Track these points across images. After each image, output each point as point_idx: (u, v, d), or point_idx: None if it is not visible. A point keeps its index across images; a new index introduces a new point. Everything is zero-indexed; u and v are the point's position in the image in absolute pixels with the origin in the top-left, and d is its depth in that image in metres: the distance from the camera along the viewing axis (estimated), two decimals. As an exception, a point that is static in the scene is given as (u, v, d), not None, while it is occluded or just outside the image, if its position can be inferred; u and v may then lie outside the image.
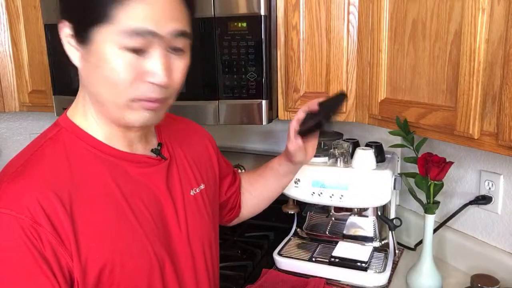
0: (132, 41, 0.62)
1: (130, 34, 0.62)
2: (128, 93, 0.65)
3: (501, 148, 0.78)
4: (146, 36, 0.62)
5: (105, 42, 0.63)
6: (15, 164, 0.68)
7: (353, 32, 1.13)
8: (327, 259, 1.24)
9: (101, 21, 0.62)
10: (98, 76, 0.66)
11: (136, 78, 0.65)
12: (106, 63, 0.64)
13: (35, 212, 0.62)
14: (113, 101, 0.67)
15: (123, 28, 0.62)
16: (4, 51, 1.54)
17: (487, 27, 0.78)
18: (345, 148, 1.20)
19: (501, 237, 1.14)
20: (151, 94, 0.66)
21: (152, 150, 0.79)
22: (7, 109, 1.59)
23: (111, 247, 0.68)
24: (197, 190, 0.86)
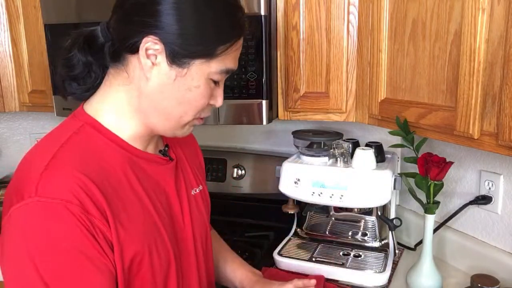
0: (221, 77, 0.74)
1: (225, 72, 0.74)
2: (196, 114, 0.75)
3: (501, 148, 0.78)
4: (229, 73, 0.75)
5: (202, 71, 0.71)
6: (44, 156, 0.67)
7: (353, 32, 1.13)
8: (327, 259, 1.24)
9: (205, 56, 0.70)
10: (180, 96, 0.72)
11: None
12: (197, 89, 0.72)
13: (81, 198, 0.63)
14: (180, 118, 0.75)
15: (222, 68, 0.72)
16: (4, 51, 1.54)
17: (487, 27, 0.78)
18: (345, 148, 1.20)
19: (501, 237, 1.14)
20: (207, 114, 0.78)
21: (160, 151, 0.83)
22: (7, 109, 1.59)
23: (140, 237, 0.71)
24: (197, 190, 0.91)
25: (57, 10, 1.34)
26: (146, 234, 0.73)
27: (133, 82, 0.72)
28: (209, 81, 0.73)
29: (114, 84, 0.74)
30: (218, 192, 1.57)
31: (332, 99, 1.18)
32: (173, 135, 0.78)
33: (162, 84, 0.71)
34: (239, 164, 1.56)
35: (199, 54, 0.70)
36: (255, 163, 1.56)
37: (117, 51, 0.72)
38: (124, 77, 0.73)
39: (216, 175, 1.59)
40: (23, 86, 1.56)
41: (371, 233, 1.31)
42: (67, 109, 1.43)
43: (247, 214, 1.59)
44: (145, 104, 0.74)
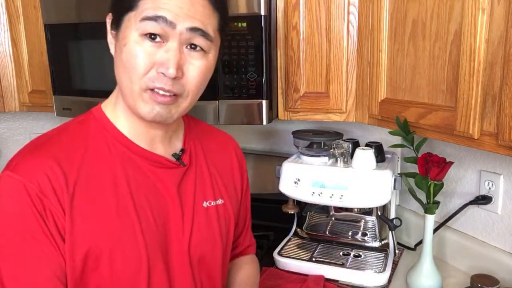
0: (148, 27, 0.67)
1: (148, 20, 0.67)
2: (142, 81, 0.68)
3: (501, 148, 0.78)
4: (162, 24, 0.66)
5: (129, 28, 0.68)
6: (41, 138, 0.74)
7: (353, 32, 1.13)
8: (327, 259, 1.24)
9: (129, 9, 0.68)
10: (120, 61, 0.70)
11: (150, 67, 0.68)
12: (127, 48, 0.68)
13: (42, 183, 0.66)
14: (129, 87, 0.70)
15: (143, 15, 0.67)
16: (4, 51, 1.54)
17: (487, 27, 0.78)
18: (345, 148, 1.20)
19: (501, 237, 1.14)
20: (161, 85, 0.68)
21: (172, 154, 0.80)
22: (7, 109, 1.59)
23: (102, 234, 0.70)
24: (212, 203, 0.84)
25: (57, 10, 1.35)
26: (113, 233, 0.70)
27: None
28: (141, 40, 0.67)
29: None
30: (218, 192, 1.56)
31: (332, 99, 1.18)
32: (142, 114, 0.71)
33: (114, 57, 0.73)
34: (239, 164, 1.56)
35: (123, 8, 0.69)
36: (255, 163, 1.56)
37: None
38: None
39: (216, 175, 1.58)
40: (23, 86, 1.56)
41: (371, 233, 1.31)
42: (67, 109, 1.43)
43: (247, 214, 1.58)
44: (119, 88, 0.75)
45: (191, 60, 0.70)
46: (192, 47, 0.70)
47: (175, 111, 0.73)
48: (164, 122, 0.74)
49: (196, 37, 0.69)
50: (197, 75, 0.71)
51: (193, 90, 0.72)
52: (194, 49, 0.70)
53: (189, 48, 0.70)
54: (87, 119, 0.77)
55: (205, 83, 0.75)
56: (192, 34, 0.68)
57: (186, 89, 0.71)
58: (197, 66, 0.71)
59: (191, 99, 0.74)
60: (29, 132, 1.96)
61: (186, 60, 0.69)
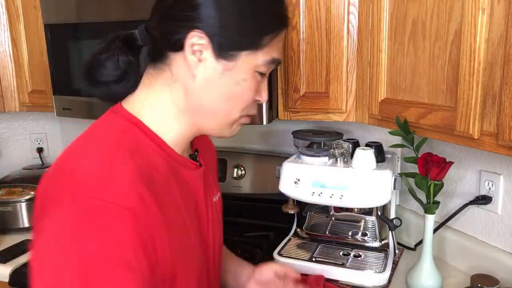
0: (268, 68, 0.72)
1: (272, 63, 0.72)
2: (243, 110, 0.73)
3: (501, 148, 0.78)
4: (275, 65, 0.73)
5: (249, 63, 0.69)
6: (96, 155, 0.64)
7: (353, 32, 1.13)
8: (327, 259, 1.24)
9: (251, 48, 0.69)
10: (226, 91, 0.70)
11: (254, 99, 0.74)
12: (244, 82, 0.70)
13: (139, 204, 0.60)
14: (226, 115, 0.73)
15: (269, 58, 0.71)
16: (4, 51, 1.54)
17: (487, 27, 0.78)
18: (345, 148, 1.20)
19: (501, 237, 1.14)
20: (254, 111, 0.77)
21: (190, 155, 0.81)
22: (7, 109, 1.59)
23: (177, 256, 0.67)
24: (217, 198, 0.88)
25: (57, 10, 1.35)
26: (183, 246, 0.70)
27: (178, 80, 0.70)
28: (256, 74, 0.71)
29: (156, 85, 0.71)
30: (218, 192, 1.57)
31: (332, 99, 1.18)
32: (220, 135, 0.76)
33: (209, 80, 0.69)
34: (239, 164, 1.56)
35: (245, 46, 0.68)
36: (255, 163, 1.56)
37: (159, 51, 0.70)
38: (166, 77, 0.70)
39: (216, 175, 1.59)
40: (23, 86, 1.56)
41: (371, 233, 1.31)
42: (67, 109, 1.43)
43: (247, 214, 1.58)
44: (192, 103, 0.71)
45: None
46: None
47: None
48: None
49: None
50: None
51: None
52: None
53: None
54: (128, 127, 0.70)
55: None
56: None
57: None
58: None
59: None
60: (29, 132, 1.96)
61: None
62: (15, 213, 1.52)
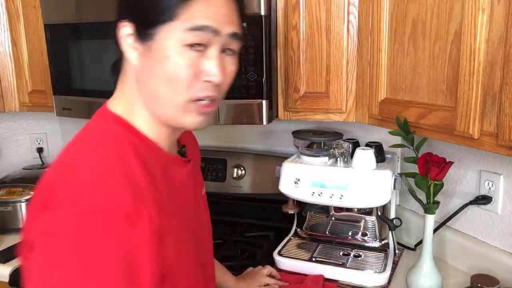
0: (194, 37, 0.65)
1: (193, 30, 0.65)
2: (187, 92, 0.67)
3: (501, 148, 0.78)
4: (207, 33, 0.65)
5: (169, 39, 0.65)
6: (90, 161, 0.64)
7: (353, 32, 1.13)
8: (327, 259, 1.24)
9: (165, 20, 0.65)
10: (158, 73, 0.67)
11: (195, 77, 0.67)
12: (168, 59, 0.66)
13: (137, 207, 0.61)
14: (171, 99, 0.68)
15: (188, 25, 0.64)
16: (4, 51, 1.54)
17: (487, 27, 0.78)
18: (345, 148, 1.20)
19: (501, 237, 1.14)
20: (206, 93, 0.68)
21: (178, 151, 0.80)
22: (7, 109, 1.59)
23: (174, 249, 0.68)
24: (204, 191, 0.90)
25: (57, 10, 1.35)
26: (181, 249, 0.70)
27: (131, 74, 0.71)
28: (184, 48, 0.65)
29: (124, 82, 0.73)
30: (218, 192, 1.57)
31: (332, 99, 1.18)
32: (184, 125, 0.71)
33: (144, 66, 0.68)
34: (239, 164, 1.56)
35: (159, 20, 0.65)
36: (255, 163, 1.56)
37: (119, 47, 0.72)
38: (125, 73, 0.72)
39: (216, 175, 1.59)
40: (23, 86, 1.56)
41: (371, 233, 1.31)
42: (67, 109, 1.43)
43: (247, 214, 1.59)
44: (144, 94, 0.70)
45: (226, 63, 0.70)
46: (227, 50, 0.70)
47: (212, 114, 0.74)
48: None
49: (233, 41, 0.70)
50: (230, 78, 0.73)
51: (225, 90, 0.74)
52: (228, 52, 0.71)
53: (225, 53, 0.70)
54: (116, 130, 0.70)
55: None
56: (231, 40, 0.69)
57: (221, 92, 0.72)
58: (230, 70, 0.72)
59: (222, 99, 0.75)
60: (29, 132, 1.96)
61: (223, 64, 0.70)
62: (15, 213, 1.52)
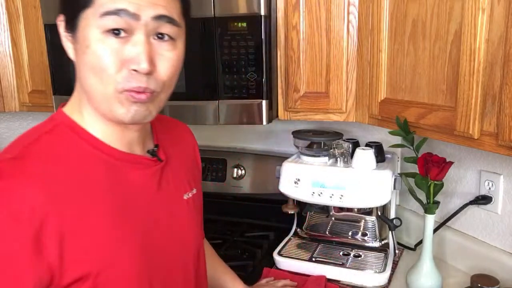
0: (111, 23, 0.61)
1: (108, 15, 0.61)
2: (114, 82, 0.63)
3: (501, 148, 0.78)
4: (125, 17, 0.61)
5: (88, 26, 0.63)
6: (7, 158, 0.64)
7: (353, 32, 1.13)
8: (327, 259, 1.24)
9: (85, 6, 0.63)
10: (85, 64, 0.64)
11: (121, 66, 0.63)
12: (89, 48, 0.63)
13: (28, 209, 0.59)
14: (100, 91, 0.65)
15: (102, 10, 0.61)
16: (4, 51, 1.54)
17: (487, 27, 0.78)
18: (345, 148, 1.20)
19: (501, 237, 1.14)
20: (136, 84, 0.64)
21: (148, 151, 0.76)
22: (7, 109, 1.59)
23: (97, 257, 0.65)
24: (190, 195, 0.83)
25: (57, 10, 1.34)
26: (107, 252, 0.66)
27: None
28: (104, 37, 0.62)
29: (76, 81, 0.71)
30: (218, 192, 1.57)
31: (332, 99, 1.18)
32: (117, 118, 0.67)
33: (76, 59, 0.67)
34: (239, 164, 1.56)
35: (77, 6, 0.63)
36: (255, 163, 1.56)
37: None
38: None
39: (216, 175, 1.59)
40: (23, 86, 1.56)
41: (371, 233, 1.31)
42: (67, 109, 1.43)
43: (247, 214, 1.59)
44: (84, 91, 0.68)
45: (161, 51, 0.65)
46: (159, 36, 0.65)
47: (153, 108, 0.68)
48: (143, 122, 0.70)
49: (163, 25, 0.64)
50: (170, 66, 0.67)
51: (168, 83, 0.68)
52: (161, 39, 0.65)
53: (157, 39, 0.65)
54: (56, 128, 0.69)
55: (178, 74, 0.71)
56: (158, 23, 0.64)
57: (160, 83, 0.66)
58: (168, 57, 0.66)
59: (167, 93, 0.70)
60: (29, 132, 1.96)
61: (156, 52, 0.65)
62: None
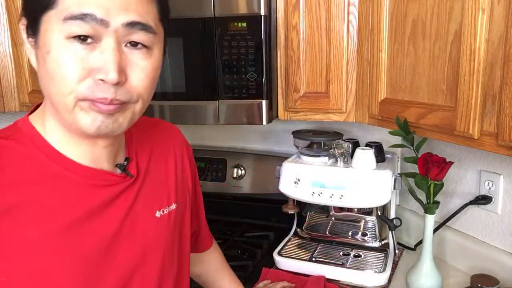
0: (76, 28, 0.55)
1: (73, 19, 0.54)
2: (75, 91, 0.56)
3: (501, 148, 0.78)
4: (91, 23, 0.54)
5: (50, 31, 0.56)
6: None
7: (353, 32, 1.13)
8: (327, 259, 1.24)
9: (46, 7, 0.56)
10: (46, 71, 0.58)
11: (85, 75, 0.56)
12: (49, 54, 0.56)
13: None
14: (61, 102, 0.58)
15: (66, 13, 0.54)
16: (4, 51, 1.54)
17: (487, 27, 0.78)
18: (345, 148, 1.20)
19: (501, 237, 1.14)
20: (102, 94, 0.56)
21: (116, 165, 0.69)
22: (7, 109, 1.58)
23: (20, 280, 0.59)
24: (166, 211, 0.75)
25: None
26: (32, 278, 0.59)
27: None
28: (68, 43, 0.55)
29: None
30: (218, 192, 1.57)
31: (332, 99, 1.18)
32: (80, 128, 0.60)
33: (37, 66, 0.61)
34: (239, 164, 1.56)
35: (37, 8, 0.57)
36: (255, 163, 1.56)
37: None
38: None
39: (216, 175, 1.59)
40: (23, 86, 1.56)
41: (371, 233, 1.31)
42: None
43: (247, 214, 1.59)
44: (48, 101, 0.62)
45: (134, 60, 0.59)
46: (132, 44, 0.58)
47: (123, 120, 0.61)
48: (111, 135, 0.62)
49: (135, 32, 0.58)
50: (144, 77, 0.60)
51: (143, 94, 0.61)
52: (134, 46, 0.59)
53: (129, 46, 0.58)
54: (14, 134, 0.64)
55: (154, 84, 0.64)
56: (130, 30, 0.57)
57: (133, 95, 0.60)
58: (142, 67, 0.60)
59: (142, 105, 0.63)
60: (29, 132, 1.95)
61: (128, 61, 0.58)
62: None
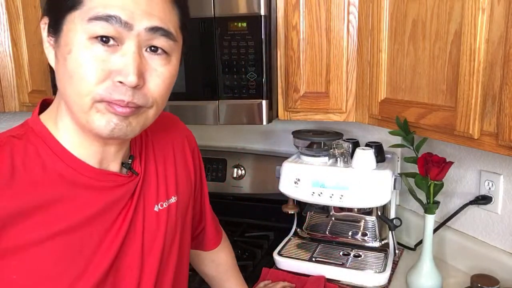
0: (99, 29, 0.55)
1: (98, 20, 0.55)
2: (93, 92, 0.57)
3: (501, 148, 0.78)
4: (115, 25, 0.55)
5: (73, 30, 0.56)
6: None
7: (353, 32, 1.13)
8: (327, 259, 1.24)
9: (72, 8, 0.57)
10: (64, 71, 0.58)
11: (104, 77, 0.57)
12: (71, 54, 0.57)
13: None
14: (77, 102, 0.58)
15: (91, 14, 0.55)
16: (4, 51, 1.54)
17: (487, 27, 0.78)
18: (345, 148, 1.20)
19: (501, 237, 1.14)
20: (119, 97, 0.57)
21: (123, 164, 0.70)
22: (7, 109, 1.59)
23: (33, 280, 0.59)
24: (164, 205, 0.75)
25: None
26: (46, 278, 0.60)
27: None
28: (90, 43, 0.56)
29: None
30: (218, 192, 1.57)
31: (332, 99, 1.18)
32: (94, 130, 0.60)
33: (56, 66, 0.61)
34: (239, 164, 1.56)
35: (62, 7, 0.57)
36: (255, 163, 1.56)
37: None
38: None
39: (216, 175, 1.59)
40: (23, 86, 1.56)
41: (371, 233, 1.31)
42: (67, 109, 1.43)
43: (247, 214, 1.59)
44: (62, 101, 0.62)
45: (153, 65, 0.60)
46: (152, 49, 0.60)
47: (136, 124, 0.61)
48: (123, 138, 0.63)
49: (157, 37, 0.59)
50: (161, 83, 0.61)
51: (158, 100, 0.62)
52: (155, 52, 0.60)
53: (149, 51, 0.59)
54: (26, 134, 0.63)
55: (169, 92, 0.65)
56: (152, 35, 0.58)
57: (149, 100, 0.61)
58: (160, 73, 0.61)
59: (156, 110, 0.63)
60: (29, 132, 1.95)
61: (147, 66, 0.59)
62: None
